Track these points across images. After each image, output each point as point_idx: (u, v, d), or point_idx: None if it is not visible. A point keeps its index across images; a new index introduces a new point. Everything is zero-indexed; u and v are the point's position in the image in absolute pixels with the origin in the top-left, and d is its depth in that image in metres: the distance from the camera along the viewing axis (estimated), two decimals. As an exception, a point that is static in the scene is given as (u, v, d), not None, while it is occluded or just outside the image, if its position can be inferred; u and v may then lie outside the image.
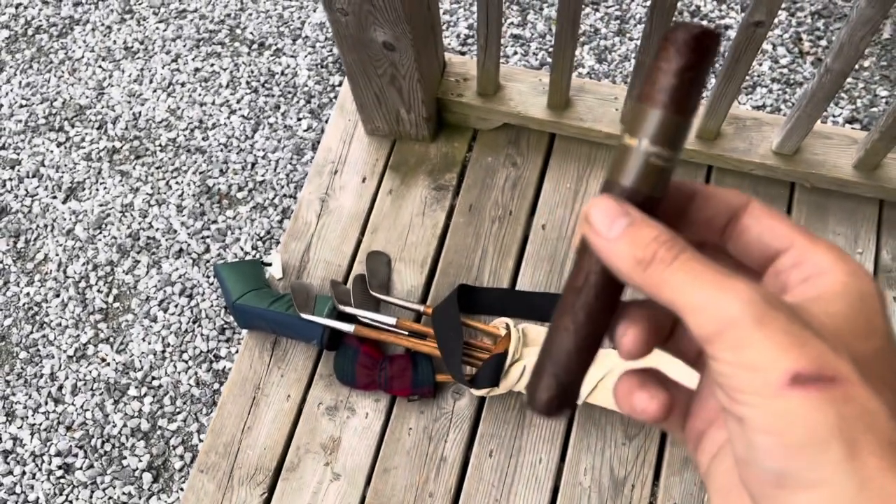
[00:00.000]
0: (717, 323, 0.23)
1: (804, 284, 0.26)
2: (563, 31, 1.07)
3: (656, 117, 0.26)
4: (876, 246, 1.22)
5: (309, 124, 1.74)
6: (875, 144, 1.11)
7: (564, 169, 1.32)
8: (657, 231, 0.25)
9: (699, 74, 0.26)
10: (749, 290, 0.23)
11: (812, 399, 0.22)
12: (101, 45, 1.91)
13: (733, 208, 0.28)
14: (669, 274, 0.25)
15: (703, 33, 0.25)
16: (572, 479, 1.11)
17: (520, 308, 1.20)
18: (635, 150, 0.26)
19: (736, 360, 0.23)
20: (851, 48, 0.94)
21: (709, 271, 0.24)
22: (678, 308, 0.25)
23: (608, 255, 0.26)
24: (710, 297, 0.24)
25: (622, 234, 0.26)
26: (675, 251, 0.25)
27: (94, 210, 1.67)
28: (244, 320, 1.20)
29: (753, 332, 0.23)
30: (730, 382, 0.23)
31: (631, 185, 0.26)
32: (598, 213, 0.26)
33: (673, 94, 0.26)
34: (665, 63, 0.26)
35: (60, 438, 1.45)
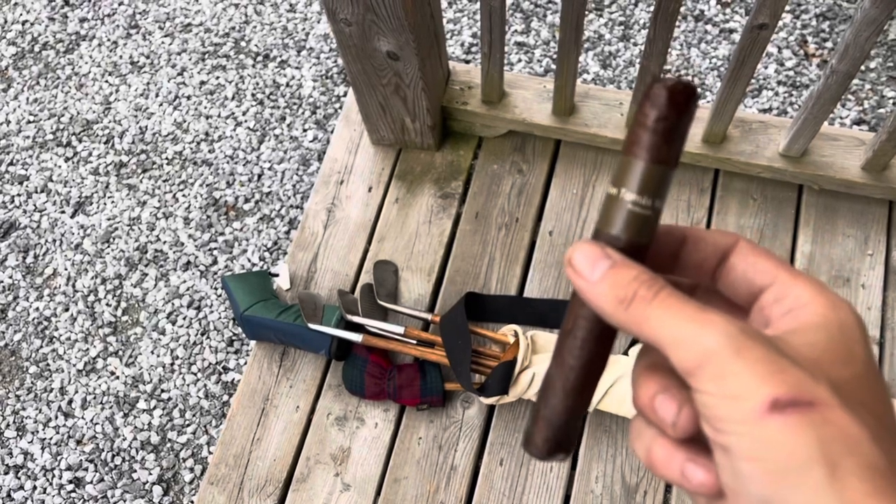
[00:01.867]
0: (697, 356, 0.24)
1: (785, 317, 0.26)
2: (567, 36, 1.07)
3: (637, 168, 0.27)
4: (886, 247, 1.21)
5: (315, 135, 1.75)
6: (883, 145, 1.11)
7: (570, 175, 1.32)
8: (637, 271, 0.26)
9: (676, 126, 0.27)
10: (726, 323, 0.24)
11: (791, 423, 0.22)
12: (108, 60, 1.92)
13: (722, 249, 0.29)
14: (650, 311, 0.25)
15: (679, 87, 0.27)
16: (584, 488, 1.10)
17: (528, 315, 1.20)
18: (618, 200, 0.27)
19: (717, 391, 0.24)
20: (857, 49, 0.93)
21: (687, 307, 0.25)
22: (660, 343, 0.25)
23: (591, 296, 0.27)
24: (690, 331, 0.24)
25: (603, 276, 0.26)
26: (654, 289, 0.26)
27: (101, 224, 1.68)
28: (252, 331, 1.20)
29: (732, 363, 0.23)
30: (713, 413, 0.24)
31: (615, 234, 0.28)
32: (580, 256, 0.27)
33: (651, 145, 0.27)
34: (643, 117, 0.27)
35: (71, 452, 1.45)
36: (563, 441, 0.29)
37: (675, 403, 0.27)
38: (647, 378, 0.28)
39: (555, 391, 0.29)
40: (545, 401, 0.29)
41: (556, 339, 0.29)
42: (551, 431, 0.29)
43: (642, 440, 0.28)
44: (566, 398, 0.29)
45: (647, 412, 0.28)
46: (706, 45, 1.82)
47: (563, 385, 0.29)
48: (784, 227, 1.23)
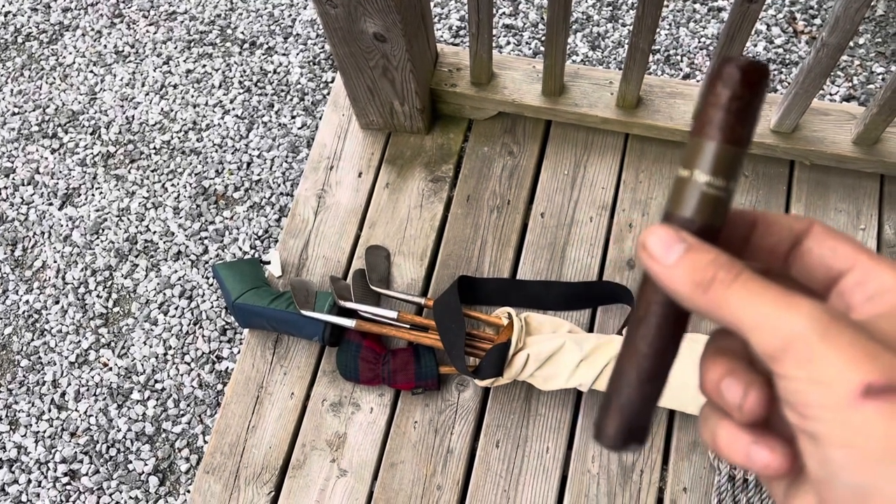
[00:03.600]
0: (781, 339, 0.23)
1: (869, 303, 0.26)
2: (555, 15, 1.06)
3: (709, 148, 0.27)
4: (878, 221, 1.21)
5: (303, 121, 1.73)
6: (874, 118, 1.10)
7: (561, 155, 1.31)
8: (714, 254, 0.26)
9: (749, 105, 0.26)
10: (812, 306, 0.23)
11: (887, 410, 0.22)
12: (92, 49, 1.90)
13: (796, 233, 0.29)
14: (730, 294, 0.25)
15: (751, 66, 0.26)
16: (580, 467, 1.10)
17: (521, 297, 1.20)
18: (690, 182, 0.27)
19: (804, 376, 0.23)
20: (847, 21, 0.93)
21: (770, 289, 0.24)
22: (741, 327, 0.25)
23: (667, 280, 0.26)
24: (774, 314, 0.24)
25: (680, 259, 0.26)
26: (734, 272, 0.25)
27: (90, 215, 1.66)
28: (244, 319, 1.19)
29: (820, 346, 0.23)
30: (799, 399, 0.23)
31: (688, 216, 0.27)
32: (654, 240, 0.27)
33: (724, 125, 0.26)
34: (714, 97, 0.27)
35: (65, 445, 1.44)
36: (637, 430, 0.29)
37: (742, 386, 0.26)
38: (714, 362, 0.27)
39: (628, 380, 0.28)
40: (618, 390, 0.29)
41: (628, 326, 0.29)
42: (626, 421, 0.29)
43: (708, 425, 0.28)
44: (641, 386, 0.28)
45: (714, 396, 0.27)
46: (695, 24, 1.81)
47: (637, 374, 0.28)
48: (776, 203, 1.23)
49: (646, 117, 1.23)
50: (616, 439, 0.29)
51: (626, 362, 0.28)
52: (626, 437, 0.29)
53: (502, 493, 1.10)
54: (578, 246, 1.24)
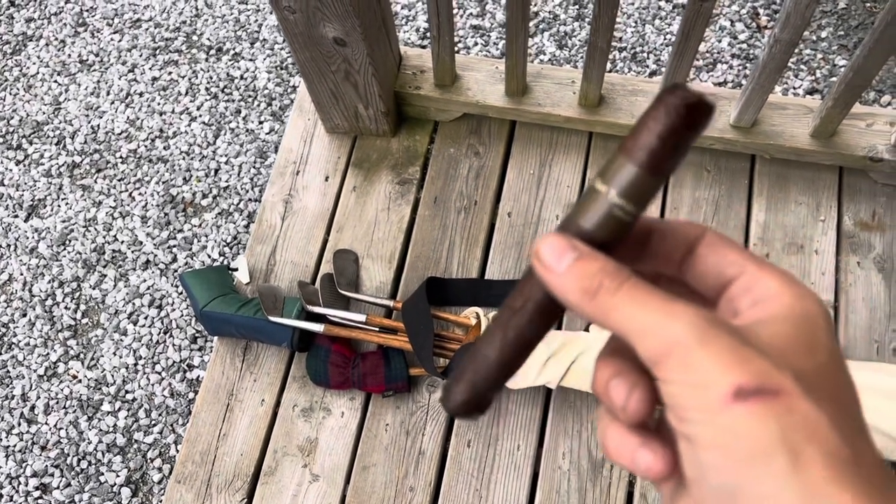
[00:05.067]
0: (662, 345, 0.24)
1: (753, 308, 0.26)
2: (514, 15, 1.07)
3: (630, 172, 0.26)
4: (838, 213, 1.23)
5: (271, 127, 1.73)
6: (829, 112, 1.12)
7: (527, 155, 1.32)
8: (602, 262, 0.26)
9: (683, 142, 0.26)
10: (691, 313, 0.24)
11: (755, 412, 0.22)
12: (56, 59, 1.88)
13: (690, 240, 0.29)
14: (615, 301, 0.25)
15: (698, 103, 0.26)
16: (551, 464, 1.11)
17: (489, 296, 1.20)
18: (602, 198, 0.27)
19: (682, 380, 0.24)
20: (797, 17, 0.94)
21: (653, 296, 0.25)
22: (626, 333, 0.25)
23: (558, 287, 0.27)
24: (655, 320, 0.24)
25: (570, 268, 0.27)
26: (619, 279, 0.26)
27: (56, 227, 1.65)
28: (213, 327, 1.19)
29: (697, 351, 0.23)
30: (677, 402, 0.24)
31: (589, 230, 0.27)
32: (546, 248, 0.27)
33: (652, 154, 0.26)
34: (653, 122, 0.26)
35: (36, 459, 1.43)
36: (482, 404, 0.30)
37: (627, 387, 0.27)
38: (606, 363, 0.28)
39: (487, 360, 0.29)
40: (475, 365, 0.30)
41: (500, 311, 0.30)
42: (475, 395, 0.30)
43: (601, 427, 0.28)
44: (498, 369, 0.29)
45: (602, 396, 0.28)
46: (660, 21, 1.82)
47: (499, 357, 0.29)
48: (738, 197, 1.25)
49: (608, 115, 1.24)
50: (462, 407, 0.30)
51: (489, 343, 0.29)
52: (471, 407, 0.30)
53: (474, 493, 1.11)
54: (545, 244, 1.25)
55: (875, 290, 1.17)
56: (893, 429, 0.99)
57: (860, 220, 1.22)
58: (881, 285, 1.17)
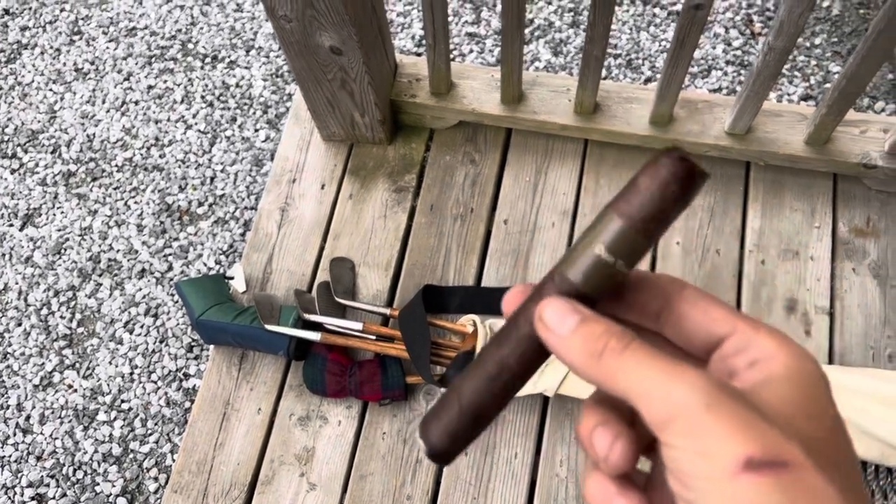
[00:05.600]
0: (668, 409, 0.24)
1: (751, 369, 0.26)
2: (509, 23, 1.07)
3: (620, 230, 0.26)
4: (832, 219, 1.23)
5: (267, 135, 1.73)
6: (823, 119, 1.13)
7: (522, 163, 1.32)
8: (606, 324, 0.26)
9: (676, 206, 0.26)
10: (698, 377, 0.24)
11: (765, 484, 0.22)
12: (51, 67, 1.88)
13: (668, 293, 0.29)
14: (621, 362, 0.25)
15: (693, 170, 0.26)
16: (549, 472, 1.11)
17: (486, 304, 1.20)
18: (590, 253, 0.27)
19: (688, 446, 0.23)
20: (791, 25, 0.95)
21: (659, 359, 0.25)
22: (631, 396, 0.25)
23: (563, 350, 0.27)
24: (661, 383, 0.24)
25: (575, 330, 0.26)
26: (624, 341, 0.26)
27: (52, 235, 1.64)
28: (209, 336, 1.18)
29: (704, 418, 0.23)
30: (682, 468, 0.24)
31: (577, 284, 0.27)
32: (550, 312, 0.27)
33: (644, 215, 0.26)
34: (646, 183, 0.26)
35: (31, 469, 1.42)
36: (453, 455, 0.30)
37: (611, 437, 0.27)
38: (591, 411, 0.28)
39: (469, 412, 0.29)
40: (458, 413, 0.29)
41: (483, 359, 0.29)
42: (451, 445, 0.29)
43: (585, 471, 0.28)
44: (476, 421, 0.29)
45: (585, 444, 0.28)
46: (655, 28, 1.83)
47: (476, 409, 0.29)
48: (733, 204, 1.25)
49: (603, 123, 1.24)
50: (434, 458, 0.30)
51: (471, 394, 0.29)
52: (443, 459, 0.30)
53: (472, 501, 1.10)
54: (541, 251, 1.25)
55: (870, 297, 1.17)
56: (889, 434, 0.99)
57: (855, 227, 1.22)
58: (876, 291, 1.18)
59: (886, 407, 1.01)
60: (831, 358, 1.14)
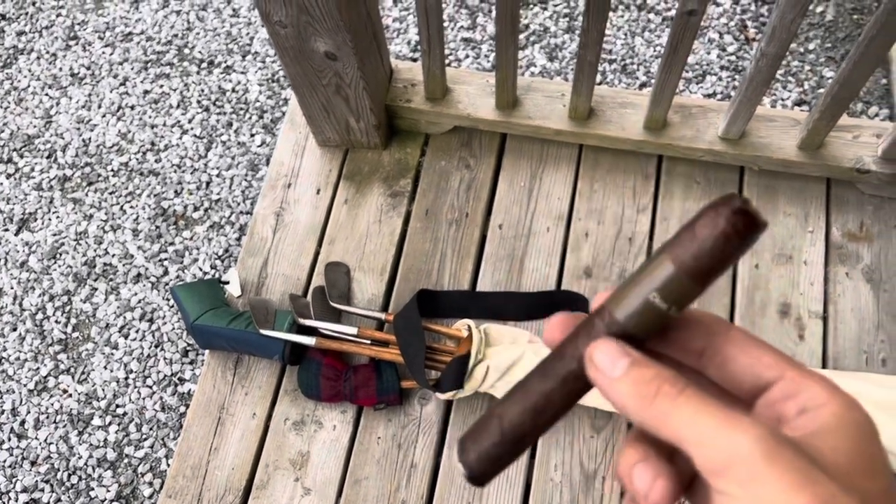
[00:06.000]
0: (725, 457, 0.24)
1: (802, 417, 0.26)
2: (503, 29, 1.08)
3: (675, 277, 0.26)
4: (826, 224, 1.23)
5: (262, 139, 1.73)
6: (816, 124, 1.13)
7: (517, 168, 1.32)
8: (658, 368, 0.26)
9: (732, 254, 0.26)
10: (757, 427, 0.24)
11: None
12: (47, 72, 1.88)
13: (712, 333, 0.29)
14: (675, 408, 0.25)
15: (753, 221, 0.25)
16: (543, 476, 1.11)
17: (481, 309, 1.20)
18: (642, 296, 0.27)
19: (745, 496, 0.23)
20: (783, 31, 0.95)
21: (714, 407, 0.25)
22: (683, 442, 0.25)
23: (613, 393, 0.27)
24: (718, 431, 0.24)
25: (625, 374, 0.27)
26: (678, 387, 0.26)
27: (47, 240, 1.64)
28: (204, 340, 1.18)
29: (763, 468, 0.23)
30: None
31: (627, 326, 0.27)
32: (600, 354, 0.27)
33: (700, 265, 0.26)
34: (704, 232, 0.26)
35: (25, 474, 1.42)
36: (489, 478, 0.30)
37: (651, 475, 0.26)
38: (632, 447, 0.28)
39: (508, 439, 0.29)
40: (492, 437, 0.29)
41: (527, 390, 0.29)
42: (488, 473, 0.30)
43: None
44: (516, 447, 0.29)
45: (626, 480, 0.27)
46: (650, 34, 1.84)
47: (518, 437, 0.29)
48: (727, 209, 1.25)
49: (598, 128, 1.25)
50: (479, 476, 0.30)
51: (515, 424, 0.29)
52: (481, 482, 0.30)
53: (467, 506, 1.10)
54: (536, 256, 1.25)
55: (863, 301, 1.18)
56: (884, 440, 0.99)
57: (848, 231, 1.22)
58: (869, 296, 1.18)
59: (880, 411, 1.01)
60: (825, 362, 1.15)
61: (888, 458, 0.26)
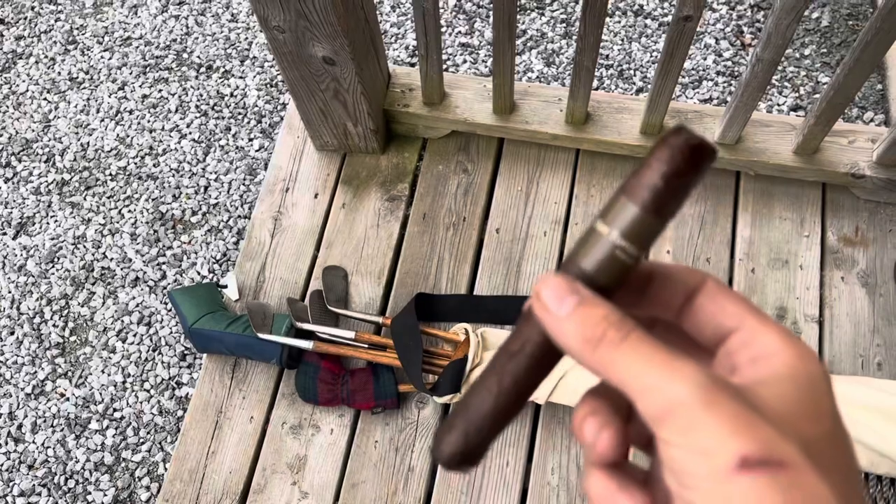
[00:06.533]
0: (665, 404, 0.23)
1: (753, 366, 0.25)
2: (500, 34, 1.08)
3: (633, 213, 0.26)
4: (821, 228, 1.24)
5: (261, 144, 1.74)
6: (812, 129, 1.14)
7: (515, 172, 1.33)
8: (606, 310, 0.25)
9: (686, 184, 0.26)
10: (697, 373, 0.23)
11: (760, 484, 0.22)
12: (46, 77, 1.88)
13: (690, 287, 0.28)
14: (619, 354, 0.25)
15: (702, 146, 0.25)
16: (540, 480, 1.11)
17: (478, 313, 1.21)
18: (603, 239, 0.26)
19: (684, 443, 0.23)
20: (778, 36, 0.96)
21: (658, 352, 0.24)
22: (627, 389, 0.24)
23: (557, 332, 0.26)
24: (659, 378, 0.24)
25: (571, 313, 0.26)
26: (624, 331, 0.25)
27: (45, 244, 1.64)
28: (201, 344, 1.19)
29: (702, 415, 0.23)
30: (679, 466, 0.23)
31: (589, 271, 0.26)
32: (547, 290, 0.26)
33: (656, 195, 0.25)
34: (657, 163, 0.25)
35: (23, 478, 1.42)
36: (475, 455, 0.28)
37: (598, 425, 0.26)
38: (585, 401, 0.28)
39: (480, 410, 0.28)
40: (466, 414, 0.28)
41: (495, 356, 0.28)
42: (466, 446, 0.28)
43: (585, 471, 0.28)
44: (492, 419, 0.28)
45: (577, 433, 0.27)
46: (646, 39, 1.85)
47: (494, 406, 0.28)
48: (724, 213, 1.26)
49: (595, 132, 1.25)
50: (452, 459, 0.28)
51: (484, 390, 0.28)
52: (462, 459, 0.28)
53: (464, 510, 1.11)
54: (533, 260, 1.26)
55: (859, 305, 1.18)
56: (877, 443, 1.00)
57: (843, 236, 1.23)
58: (865, 300, 1.19)
59: (875, 415, 1.02)
60: (821, 366, 1.15)
61: (837, 407, 0.25)
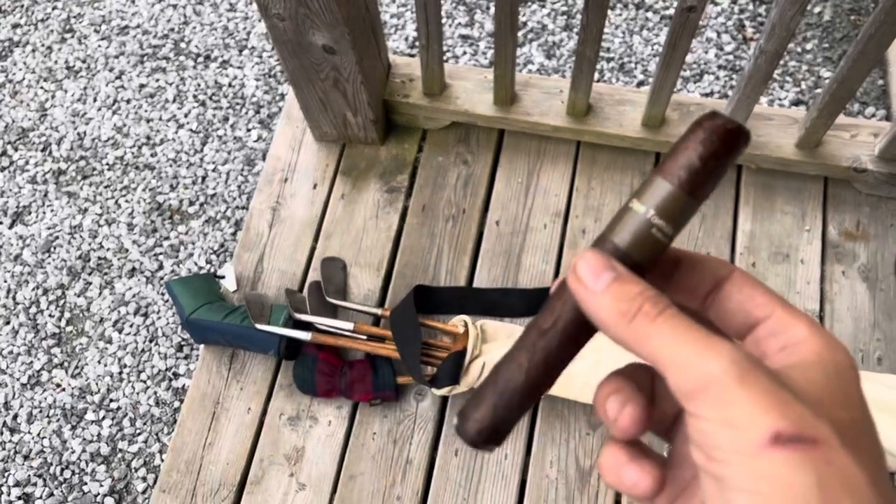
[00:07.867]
0: (699, 380, 0.23)
1: (782, 353, 0.26)
2: (502, 25, 1.07)
3: (668, 192, 0.26)
4: (822, 222, 1.24)
5: (259, 134, 1.72)
6: (814, 122, 1.13)
7: (515, 164, 1.32)
8: (642, 286, 0.26)
9: (721, 165, 0.26)
10: (732, 350, 0.24)
11: (793, 460, 0.22)
12: (42, 65, 1.87)
13: (718, 277, 0.29)
14: (653, 329, 0.25)
15: (738, 129, 0.26)
16: (539, 473, 1.11)
17: (477, 305, 1.20)
18: (638, 216, 0.27)
19: (717, 418, 0.23)
20: (782, 28, 0.95)
21: (692, 329, 0.25)
22: (659, 363, 0.25)
23: (593, 307, 0.26)
24: (694, 354, 0.24)
25: (607, 288, 0.26)
26: (660, 307, 0.25)
27: (41, 234, 1.63)
28: (199, 335, 1.18)
29: (735, 390, 0.23)
30: (709, 440, 0.23)
31: (623, 248, 0.27)
32: (584, 265, 0.27)
33: (692, 175, 0.26)
34: (693, 144, 0.26)
35: (18, 468, 1.41)
36: (501, 432, 0.28)
37: (621, 402, 0.27)
38: (608, 380, 0.28)
39: (511, 385, 0.28)
40: (497, 389, 0.28)
41: (524, 332, 0.28)
42: (495, 422, 0.28)
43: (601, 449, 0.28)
44: (523, 394, 0.28)
45: (601, 411, 0.28)
46: (648, 32, 1.84)
47: (525, 380, 0.28)
48: (725, 207, 1.26)
49: (596, 125, 1.25)
50: (480, 435, 0.28)
51: (515, 365, 0.28)
52: (489, 437, 0.28)
53: (462, 502, 1.10)
54: (533, 253, 1.25)
55: (860, 300, 1.18)
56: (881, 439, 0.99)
57: (845, 230, 1.23)
58: (865, 295, 1.18)
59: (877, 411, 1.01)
60: (821, 360, 1.15)
61: (865, 398, 0.26)
